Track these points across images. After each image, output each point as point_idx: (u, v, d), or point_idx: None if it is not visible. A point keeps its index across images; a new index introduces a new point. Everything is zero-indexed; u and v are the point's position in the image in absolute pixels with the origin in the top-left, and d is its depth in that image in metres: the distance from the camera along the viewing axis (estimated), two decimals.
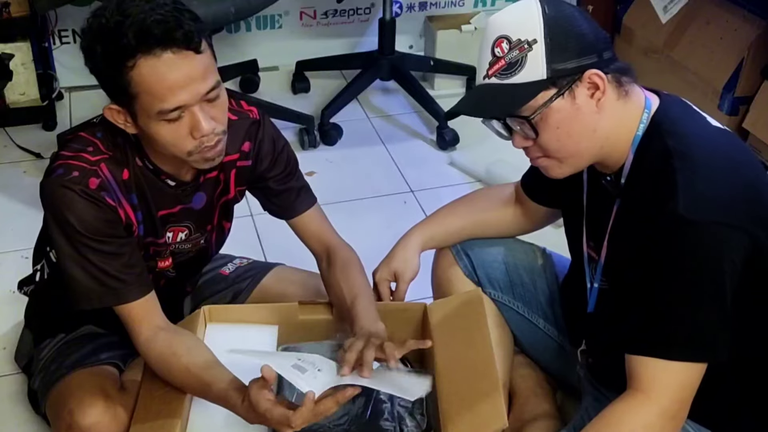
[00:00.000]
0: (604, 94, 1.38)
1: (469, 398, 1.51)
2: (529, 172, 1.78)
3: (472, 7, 3.61)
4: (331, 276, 1.71)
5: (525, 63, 1.36)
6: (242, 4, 2.64)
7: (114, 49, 1.34)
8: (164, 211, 1.59)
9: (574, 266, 1.71)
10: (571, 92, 1.37)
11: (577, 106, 1.38)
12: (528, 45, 1.36)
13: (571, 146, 1.42)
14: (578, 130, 1.40)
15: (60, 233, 1.47)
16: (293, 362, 1.42)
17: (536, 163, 1.48)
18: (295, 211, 1.74)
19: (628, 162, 1.44)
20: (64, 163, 1.47)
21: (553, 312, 1.81)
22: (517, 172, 2.74)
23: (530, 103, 1.38)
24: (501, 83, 1.39)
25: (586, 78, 1.37)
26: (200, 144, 1.42)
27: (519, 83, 1.37)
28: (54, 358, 1.70)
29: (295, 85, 3.36)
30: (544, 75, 1.36)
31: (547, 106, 1.37)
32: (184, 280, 1.80)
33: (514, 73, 1.37)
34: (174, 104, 1.37)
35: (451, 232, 1.82)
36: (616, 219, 1.48)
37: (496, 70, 1.39)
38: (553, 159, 1.44)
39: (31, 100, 3.03)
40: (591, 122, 1.40)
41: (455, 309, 1.68)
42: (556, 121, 1.38)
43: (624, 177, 1.44)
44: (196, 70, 1.37)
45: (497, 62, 1.39)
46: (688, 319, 1.35)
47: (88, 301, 1.51)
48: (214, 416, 1.53)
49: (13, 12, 2.85)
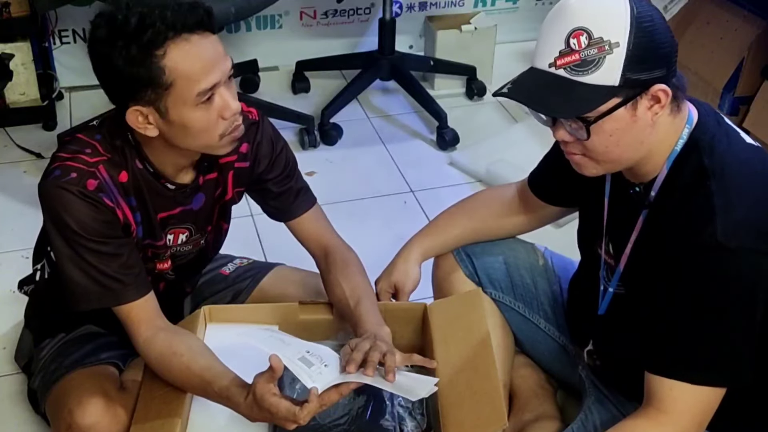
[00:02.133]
0: (662, 108, 1.34)
1: (469, 398, 1.50)
2: (538, 171, 1.76)
3: (472, 7, 3.61)
4: (332, 277, 1.70)
5: (601, 65, 1.29)
6: (242, 4, 2.64)
7: (140, 43, 1.36)
8: (164, 214, 1.59)
9: (584, 267, 1.69)
10: (635, 103, 1.32)
11: (635, 117, 1.33)
12: (609, 47, 1.29)
13: (616, 154, 1.38)
14: (628, 140, 1.36)
15: (58, 234, 1.47)
16: (301, 354, 1.42)
17: (571, 159, 1.43)
18: (293, 214, 1.74)
19: (661, 175, 1.41)
20: (61, 164, 1.47)
21: (554, 312, 1.80)
22: (517, 172, 2.75)
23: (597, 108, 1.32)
24: (569, 78, 1.31)
25: (652, 91, 1.32)
26: (230, 124, 1.46)
27: (590, 84, 1.30)
28: (54, 357, 1.70)
29: (295, 85, 3.36)
30: (617, 82, 1.30)
31: (610, 114, 1.32)
32: (184, 281, 1.80)
33: (587, 72, 1.30)
34: (210, 83, 1.40)
35: (451, 241, 1.82)
36: (642, 230, 1.45)
37: (567, 62, 1.31)
38: (592, 159, 1.40)
39: (31, 100, 3.03)
40: (642, 135, 1.36)
41: (455, 309, 1.68)
42: (611, 128, 1.34)
43: (655, 190, 1.42)
44: (219, 49, 1.43)
45: (570, 54, 1.30)
46: (716, 345, 1.35)
47: (87, 302, 1.51)
48: (214, 416, 1.53)
49: (13, 12, 2.85)
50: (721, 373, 1.36)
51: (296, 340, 1.51)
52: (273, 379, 1.35)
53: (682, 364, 1.37)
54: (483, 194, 1.93)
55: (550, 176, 1.70)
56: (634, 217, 1.46)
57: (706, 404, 1.37)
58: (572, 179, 1.50)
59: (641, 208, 1.45)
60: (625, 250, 1.49)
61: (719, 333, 1.34)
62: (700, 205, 1.33)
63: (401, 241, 2.54)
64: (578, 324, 1.72)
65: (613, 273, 1.53)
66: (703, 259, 1.31)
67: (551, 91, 1.33)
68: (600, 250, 1.58)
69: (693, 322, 1.35)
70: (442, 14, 3.52)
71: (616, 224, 1.52)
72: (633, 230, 1.46)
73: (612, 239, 1.54)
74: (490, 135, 3.09)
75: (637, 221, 1.45)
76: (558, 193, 1.72)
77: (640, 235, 1.46)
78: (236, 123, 1.47)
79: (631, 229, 1.47)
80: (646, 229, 1.45)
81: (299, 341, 1.50)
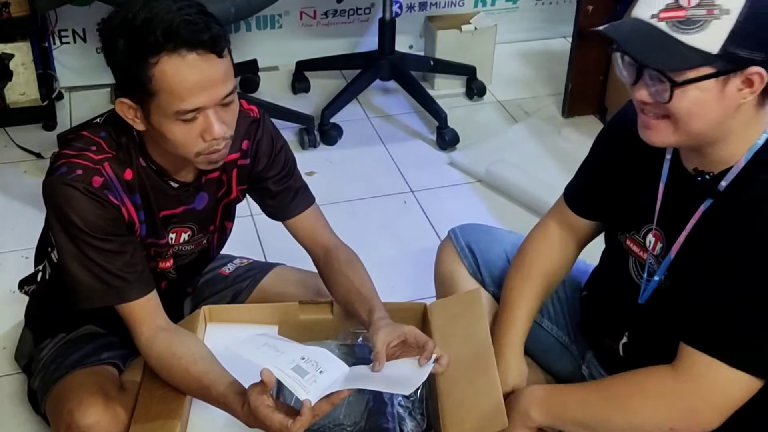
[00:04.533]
0: (752, 94, 1.30)
1: (469, 398, 1.50)
2: (576, 187, 1.70)
3: (472, 7, 3.61)
4: (336, 273, 1.69)
5: (706, 28, 1.24)
6: (242, 4, 2.64)
7: (139, 44, 1.36)
8: (166, 212, 1.59)
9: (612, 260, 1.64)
10: (726, 79, 1.28)
11: (723, 94, 1.29)
12: (720, 11, 1.24)
13: (695, 126, 1.33)
14: (710, 116, 1.31)
15: (62, 231, 1.47)
16: (295, 363, 1.42)
17: (646, 122, 1.37)
18: (291, 213, 1.74)
19: (737, 166, 1.37)
20: (67, 161, 1.47)
21: (556, 311, 1.80)
22: (517, 172, 2.77)
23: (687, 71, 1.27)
24: (670, 34, 1.26)
25: (748, 72, 1.27)
26: (209, 146, 1.44)
27: (689, 45, 1.26)
28: (54, 357, 1.70)
29: (295, 85, 3.36)
30: (716, 50, 1.25)
31: (698, 82, 1.28)
32: (185, 281, 1.80)
33: (689, 32, 1.25)
34: (193, 105, 1.38)
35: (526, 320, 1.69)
36: (701, 219, 1.42)
37: (671, 17, 1.26)
38: (672, 124, 1.34)
39: (31, 100, 3.03)
40: (723, 115, 1.32)
41: (455, 309, 1.68)
42: (695, 97, 1.29)
43: (727, 180, 1.38)
44: (217, 74, 1.39)
45: (677, 9, 1.26)
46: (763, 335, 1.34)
47: (90, 300, 1.51)
48: (214, 417, 1.53)
49: (13, 12, 2.85)
50: (759, 363, 1.34)
51: (292, 345, 1.51)
52: (265, 391, 1.36)
53: (725, 343, 1.35)
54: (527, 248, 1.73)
55: (590, 187, 1.65)
56: (692, 207, 1.42)
57: (737, 390, 1.36)
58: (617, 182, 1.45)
59: (705, 196, 1.41)
60: (677, 239, 1.45)
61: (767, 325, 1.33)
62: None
63: (401, 241, 2.55)
64: (607, 319, 1.67)
65: (655, 265, 1.50)
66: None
67: (647, 42, 1.28)
68: (633, 244, 1.54)
69: (746, 303, 1.33)
70: (442, 14, 3.52)
71: (670, 214, 1.48)
72: (690, 219, 1.43)
73: (663, 228, 1.49)
74: (490, 135, 3.09)
75: (697, 210, 1.42)
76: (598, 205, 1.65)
77: (699, 223, 1.42)
78: (216, 147, 1.44)
79: (687, 218, 1.43)
80: (709, 217, 1.41)
81: (295, 346, 1.50)
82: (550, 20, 3.72)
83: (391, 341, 1.49)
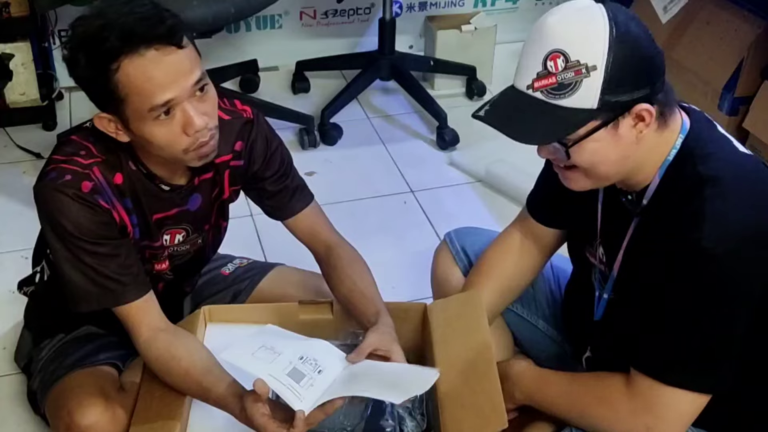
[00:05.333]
0: (647, 127, 1.32)
1: (469, 398, 1.50)
2: (534, 195, 1.72)
3: (472, 7, 3.61)
4: (339, 272, 1.69)
5: (578, 88, 1.27)
6: (242, 4, 2.64)
7: (97, 54, 1.34)
8: (159, 215, 1.59)
9: (577, 274, 1.69)
10: (616, 124, 1.30)
11: (618, 136, 1.32)
12: (586, 70, 1.27)
13: (602, 171, 1.37)
14: (613, 158, 1.35)
15: (55, 237, 1.47)
16: (292, 366, 1.42)
17: (561, 173, 1.42)
18: (290, 212, 1.74)
19: (653, 184, 1.40)
20: (56, 167, 1.46)
21: (552, 313, 1.80)
22: (517, 172, 2.77)
23: (575, 131, 1.31)
24: (546, 102, 1.30)
25: (635, 111, 1.30)
26: (195, 140, 1.42)
27: (566, 107, 1.29)
28: (53, 358, 1.70)
29: (295, 85, 3.36)
30: (595, 105, 1.28)
31: (589, 136, 1.31)
32: (183, 281, 1.80)
33: (564, 96, 1.28)
34: (163, 99, 1.37)
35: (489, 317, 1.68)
36: (633, 236, 1.45)
37: (544, 85, 1.29)
38: (581, 173, 1.38)
39: (31, 100, 3.03)
40: (627, 151, 1.34)
41: (455, 309, 1.68)
42: (592, 149, 1.32)
43: (647, 198, 1.41)
44: (181, 64, 1.38)
45: (547, 77, 1.29)
46: (695, 350, 1.35)
47: (87, 304, 1.51)
48: (214, 417, 1.53)
49: (13, 12, 2.85)
50: (697, 379, 1.36)
51: (291, 341, 1.51)
52: (260, 399, 1.37)
53: (666, 366, 1.37)
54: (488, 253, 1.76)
55: (547, 196, 1.67)
56: (626, 225, 1.46)
57: (686, 407, 1.37)
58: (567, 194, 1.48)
59: (633, 215, 1.44)
60: (617, 257, 1.48)
61: (699, 338, 1.34)
62: (692, 212, 1.31)
63: (401, 241, 2.55)
64: (575, 330, 1.72)
65: (608, 280, 1.53)
66: (689, 264, 1.31)
67: (529, 115, 1.31)
68: (592, 258, 1.57)
69: (677, 326, 1.35)
70: (442, 14, 3.52)
71: (609, 232, 1.52)
72: (625, 237, 1.46)
73: (605, 247, 1.53)
74: (490, 135, 3.04)
75: (629, 229, 1.45)
76: (559, 215, 1.67)
77: (631, 241, 1.45)
78: (202, 140, 1.43)
79: (623, 236, 1.46)
80: (638, 235, 1.44)
81: (294, 342, 1.50)
82: None
83: (378, 349, 1.51)
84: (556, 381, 1.57)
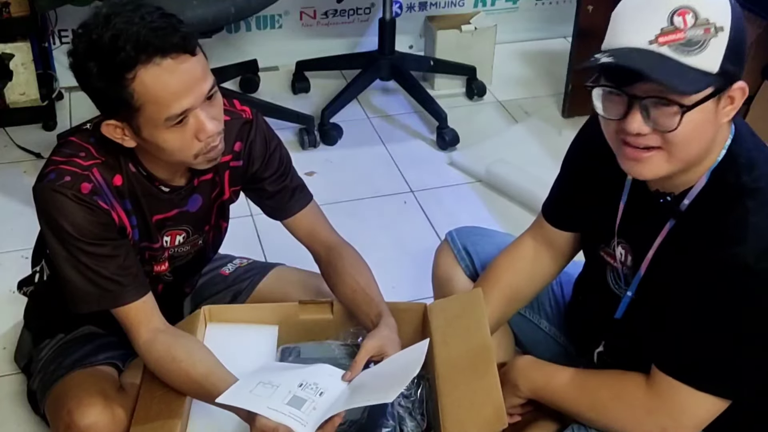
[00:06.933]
0: (734, 111, 1.28)
1: (469, 398, 1.50)
2: (551, 200, 1.69)
3: (472, 7, 3.61)
4: (340, 272, 1.69)
5: (706, 47, 1.22)
6: (242, 4, 2.64)
7: (112, 63, 1.34)
8: (159, 216, 1.59)
9: (590, 272, 1.66)
10: (719, 97, 1.26)
11: (716, 114, 1.27)
12: (714, 30, 1.22)
13: (692, 151, 1.30)
14: (705, 138, 1.29)
15: (54, 237, 1.47)
16: (292, 394, 1.43)
17: (634, 153, 1.31)
18: (289, 212, 1.74)
19: (698, 186, 1.36)
20: (55, 168, 1.46)
21: (554, 313, 1.80)
22: (517, 172, 2.77)
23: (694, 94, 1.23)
24: (674, 58, 1.22)
25: (734, 87, 1.27)
26: (206, 145, 1.44)
27: (693, 67, 1.22)
28: (53, 358, 1.70)
29: (295, 85, 3.36)
30: (716, 69, 1.23)
31: (703, 104, 1.24)
32: (183, 282, 1.80)
33: (692, 54, 1.22)
34: (181, 109, 1.38)
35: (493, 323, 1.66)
36: (668, 239, 1.41)
37: (671, 40, 1.22)
38: (667, 153, 1.29)
39: (31, 100, 3.03)
40: (713, 134, 1.30)
41: (455, 309, 1.68)
42: (696, 121, 1.25)
43: (689, 199, 1.37)
44: (196, 72, 1.38)
45: (674, 32, 1.22)
46: (723, 360, 1.35)
47: (86, 305, 1.51)
48: (214, 417, 1.53)
49: (13, 12, 2.85)
50: (722, 386, 1.36)
51: (289, 372, 1.51)
52: None
53: (690, 368, 1.37)
54: (499, 260, 1.73)
55: (565, 199, 1.65)
56: (656, 226, 1.42)
57: (704, 411, 1.38)
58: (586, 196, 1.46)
59: (668, 217, 1.41)
60: (646, 257, 1.46)
61: (728, 347, 1.34)
62: (735, 223, 1.29)
63: (401, 241, 2.55)
64: (586, 326, 1.69)
65: (630, 278, 1.51)
66: (726, 276, 1.30)
67: (661, 66, 1.22)
68: (608, 257, 1.55)
69: (705, 332, 1.35)
70: (442, 14, 3.52)
71: (634, 232, 1.49)
72: (656, 238, 1.43)
73: (627, 246, 1.51)
74: (490, 135, 3.09)
75: (662, 229, 1.42)
76: (574, 215, 1.64)
77: (665, 243, 1.42)
78: (212, 144, 1.44)
79: (654, 236, 1.43)
80: (673, 238, 1.41)
81: (293, 373, 1.50)
82: (550, 20, 3.72)
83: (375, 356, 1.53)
84: (564, 374, 1.55)
